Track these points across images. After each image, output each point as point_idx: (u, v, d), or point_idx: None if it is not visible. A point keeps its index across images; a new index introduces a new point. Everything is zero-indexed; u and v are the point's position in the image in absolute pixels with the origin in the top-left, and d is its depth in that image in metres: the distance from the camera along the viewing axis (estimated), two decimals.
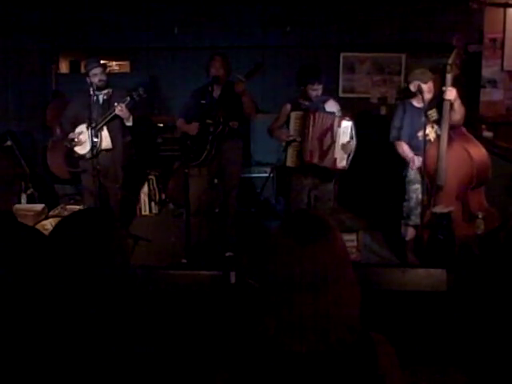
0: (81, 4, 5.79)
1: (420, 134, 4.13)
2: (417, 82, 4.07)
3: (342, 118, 4.15)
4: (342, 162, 4.15)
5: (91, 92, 4.52)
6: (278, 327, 1.21)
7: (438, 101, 4.01)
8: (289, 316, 1.21)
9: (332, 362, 1.20)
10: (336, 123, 4.10)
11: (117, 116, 4.49)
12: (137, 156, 5.20)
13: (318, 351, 1.20)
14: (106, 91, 4.56)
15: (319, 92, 4.23)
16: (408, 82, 4.18)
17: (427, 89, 4.07)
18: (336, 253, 1.25)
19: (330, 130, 4.10)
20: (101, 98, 4.58)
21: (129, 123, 4.55)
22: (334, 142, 4.10)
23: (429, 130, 4.08)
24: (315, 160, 4.15)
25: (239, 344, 1.26)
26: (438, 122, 4.02)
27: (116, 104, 4.42)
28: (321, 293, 1.21)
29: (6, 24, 5.69)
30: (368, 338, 1.25)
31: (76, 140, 4.57)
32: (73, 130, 4.61)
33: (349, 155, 4.15)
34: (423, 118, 4.03)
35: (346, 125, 4.11)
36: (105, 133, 4.57)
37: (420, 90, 4.03)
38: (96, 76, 4.49)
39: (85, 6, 5.80)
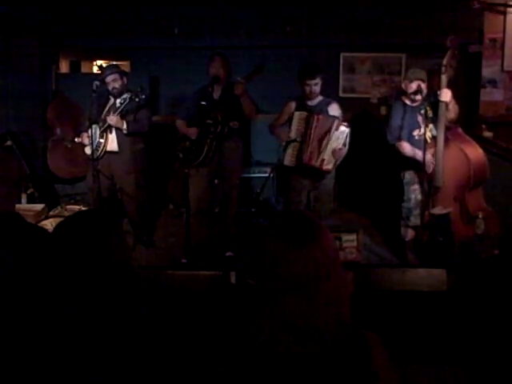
0: (81, 4, 5.79)
1: (415, 133, 4.13)
2: (418, 82, 4.06)
3: (342, 122, 4.14)
4: (328, 164, 4.15)
5: (110, 96, 4.65)
6: (272, 327, 1.22)
7: (433, 99, 3.99)
8: (282, 316, 1.21)
9: (326, 360, 1.21)
10: (334, 126, 4.09)
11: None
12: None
13: (312, 350, 1.20)
14: (124, 96, 4.57)
15: (313, 89, 4.23)
16: (409, 80, 4.14)
17: (425, 88, 4.08)
18: (326, 252, 1.25)
19: (328, 132, 4.11)
20: (118, 102, 4.61)
21: (124, 131, 4.56)
22: (327, 144, 4.10)
23: (423, 128, 4.07)
24: (313, 162, 4.16)
25: (234, 344, 1.26)
26: (433, 120, 4.01)
27: (109, 117, 4.50)
28: (312, 292, 1.21)
29: (6, 24, 5.69)
30: (361, 336, 1.26)
31: (87, 139, 4.56)
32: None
33: (337, 160, 4.17)
34: (419, 117, 4.04)
35: (343, 130, 4.10)
36: (112, 135, 4.61)
37: (420, 90, 4.03)
38: (109, 84, 4.57)
39: (85, 6, 5.79)
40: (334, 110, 4.32)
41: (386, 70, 6.39)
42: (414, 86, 4.08)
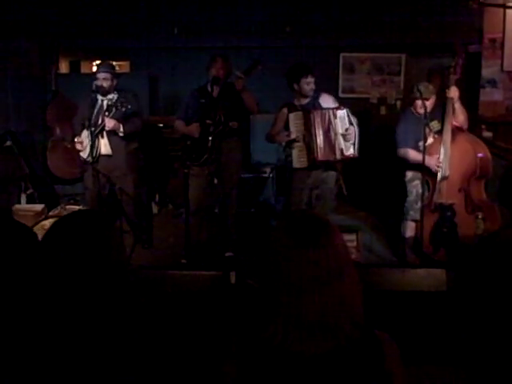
0: (81, 4, 5.80)
1: (421, 143, 4.15)
2: (422, 101, 4.11)
3: (336, 108, 4.22)
4: (348, 150, 4.20)
5: (97, 96, 4.55)
6: (286, 328, 1.22)
7: (441, 111, 4.10)
8: (296, 316, 1.22)
9: (340, 360, 1.21)
10: (332, 115, 4.18)
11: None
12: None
13: (325, 350, 1.21)
14: (110, 96, 4.53)
15: (313, 85, 4.27)
16: (416, 98, 4.17)
17: (430, 104, 4.14)
18: (337, 252, 1.26)
19: (330, 124, 4.17)
20: (105, 103, 4.55)
21: (121, 134, 4.52)
22: (336, 133, 4.16)
23: (430, 140, 4.18)
24: (330, 157, 4.20)
25: (246, 347, 1.26)
26: (440, 132, 4.12)
27: (106, 120, 4.40)
28: (326, 292, 1.22)
29: (6, 24, 5.69)
30: (373, 337, 1.26)
31: (79, 144, 4.54)
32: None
33: (354, 143, 4.21)
34: (426, 129, 4.11)
35: (341, 114, 4.19)
36: (104, 140, 4.54)
37: (424, 106, 4.10)
38: (99, 80, 4.50)
39: (85, 6, 5.80)
40: (326, 99, 4.37)
41: (386, 70, 6.40)
42: (418, 103, 4.15)
